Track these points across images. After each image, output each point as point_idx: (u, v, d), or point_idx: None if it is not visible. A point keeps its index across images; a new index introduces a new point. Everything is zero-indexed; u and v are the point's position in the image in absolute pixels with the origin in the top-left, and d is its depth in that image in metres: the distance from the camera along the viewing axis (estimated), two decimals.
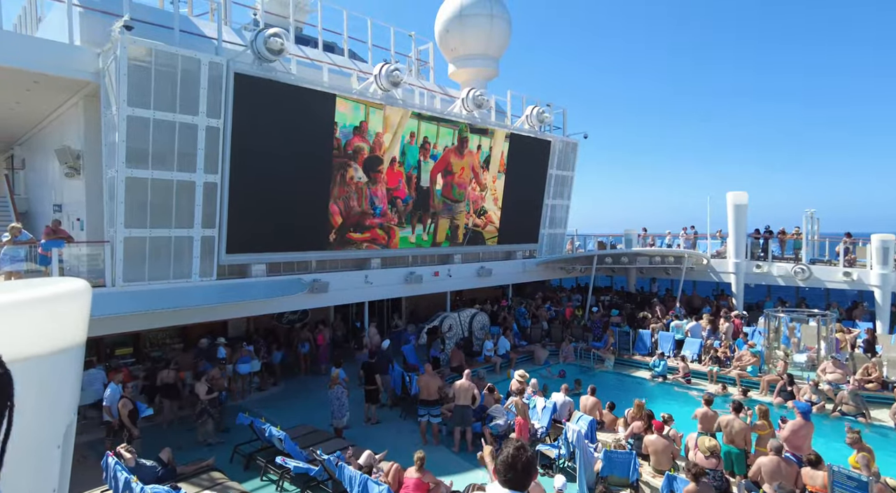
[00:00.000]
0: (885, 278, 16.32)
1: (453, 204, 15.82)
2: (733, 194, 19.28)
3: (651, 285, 23.40)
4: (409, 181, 14.50)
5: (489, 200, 16.54)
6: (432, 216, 15.22)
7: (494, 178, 16.61)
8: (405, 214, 14.48)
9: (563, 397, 10.61)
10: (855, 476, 6.73)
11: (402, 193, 14.54)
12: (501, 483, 2.53)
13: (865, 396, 11.76)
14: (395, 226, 14.30)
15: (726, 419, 8.55)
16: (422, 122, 14.21)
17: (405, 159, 14.22)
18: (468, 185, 16.14)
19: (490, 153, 16.35)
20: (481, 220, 16.60)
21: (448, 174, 15.53)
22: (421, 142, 14.45)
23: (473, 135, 15.82)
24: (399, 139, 14.04)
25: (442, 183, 15.40)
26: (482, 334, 16.03)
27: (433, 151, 14.68)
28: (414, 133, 14.11)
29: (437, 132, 14.63)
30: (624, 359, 16.07)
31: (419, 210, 14.71)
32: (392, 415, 11.96)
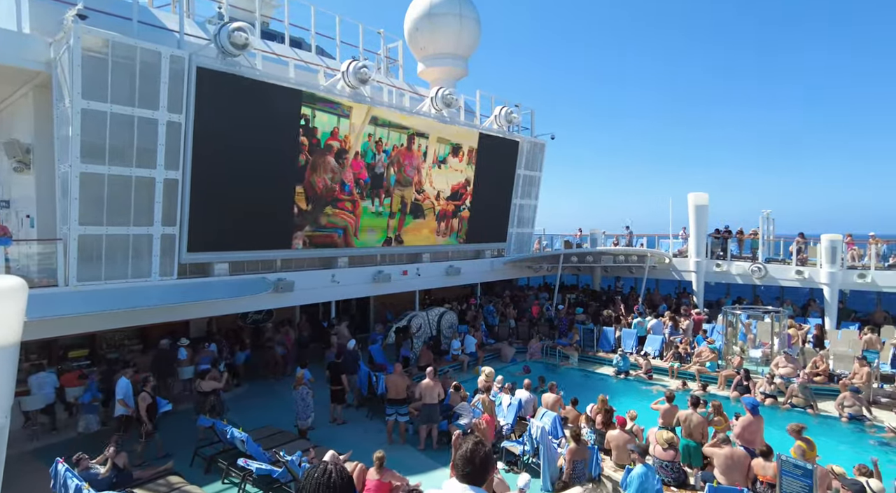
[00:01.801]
0: (833, 276, 17.11)
1: (402, 187, 16.97)
2: (694, 195, 19.89)
3: (615, 283, 23.92)
4: (368, 168, 15.64)
5: (426, 183, 17.67)
6: (386, 192, 16.44)
7: (430, 167, 17.69)
8: (366, 190, 15.65)
9: (527, 394, 10.75)
10: (800, 464, 7.04)
11: (364, 176, 15.62)
12: (459, 479, 2.53)
13: (814, 388, 12.33)
14: (359, 199, 15.45)
15: (685, 414, 8.85)
16: (378, 127, 15.62)
17: (365, 153, 15.36)
18: (413, 174, 17.30)
19: (427, 150, 17.36)
20: (421, 196, 17.65)
21: (396, 165, 16.68)
22: (377, 139, 15.71)
23: (417, 137, 17.01)
24: (361, 138, 15.03)
25: (394, 171, 16.54)
26: (450, 332, 16.09)
27: (385, 147, 16.10)
28: (371, 134, 15.37)
29: (388, 134, 16.01)
30: (588, 356, 16.39)
31: (376, 188, 16.06)
32: (359, 415, 11.89)
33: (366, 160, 15.62)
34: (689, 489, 7.92)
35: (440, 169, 18.29)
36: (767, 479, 7.42)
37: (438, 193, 18.70)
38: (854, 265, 17.57)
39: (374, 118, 15.37)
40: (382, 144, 16.08)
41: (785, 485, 7.15)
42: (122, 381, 9.86)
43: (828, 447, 9.39)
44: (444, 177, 18.55)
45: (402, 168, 16.92)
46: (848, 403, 11.42)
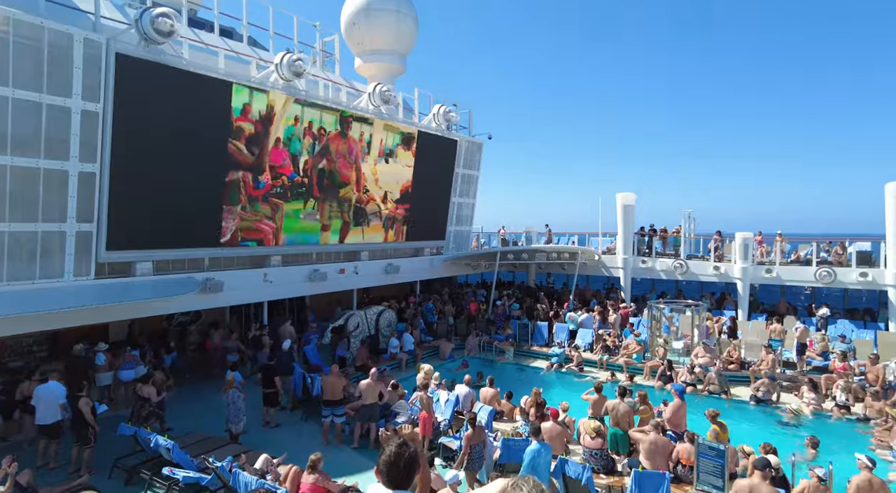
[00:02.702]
0: (745, 271, 18.51)
1: (337, 186, 16.08)
2: (622, 195, 20.88)
3: (547, 279, 24.69)
4: (294, 161, 14.46)
5: (371, 182, 16.88)
6: (319, 196, 15.37)
7: (375, 161, 16.94)
8: (291, 190, 14.49)
9: (465, 390, 10.89)
10: (714, 446, 7.60)
11: (287, 170, 14.49)
12: (384, 483, 2.51)
13: (728, 376, 13.28)
14: (281, 202, 14.24)
15: (612, 404, 9.28)
16: (307, 108, 14.21)
17: (290, 141, 14.24)
18: (351, 169, 16.38)
19: (371, 140, 16.61)
20: (364, 196, 16.89)
21: (330, 158, 15.75)
22: (306, 125, 14.54)
23: (356, 123, 15.98)
24: (283, 121, 13.95)
25: (325, 166, 15.55)
26: (389, 331, 16.01)
27: (315, 133, 14.83)
28: (298, 117, 14.16)
29: (321, 117, 14.76)
30: (523, 350, 16.83)
31: (304, 188, 14.86)
32: (293, 418, 11.60)
33: (290, 150, 14.01)
34: (616, 475, 8.32)
35: (387, 164, 17.54)
36: (690, 462, 7.93)
37: (386, 194, 17.86)
38: (762, 261, 19.07)
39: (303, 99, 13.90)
40: (314, 129, 14.53)
41: (701, 465, 7.69)
42: (53, 385, 8.96)
43: (740, 429, 10.18)
44: (393, 174, 17.71)
45: (335, 161, 15.56)
46: (761, 387, 12.40)
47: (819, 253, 18.39)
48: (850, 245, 18.10)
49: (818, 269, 17.61)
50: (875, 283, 17.04)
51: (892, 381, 12.20)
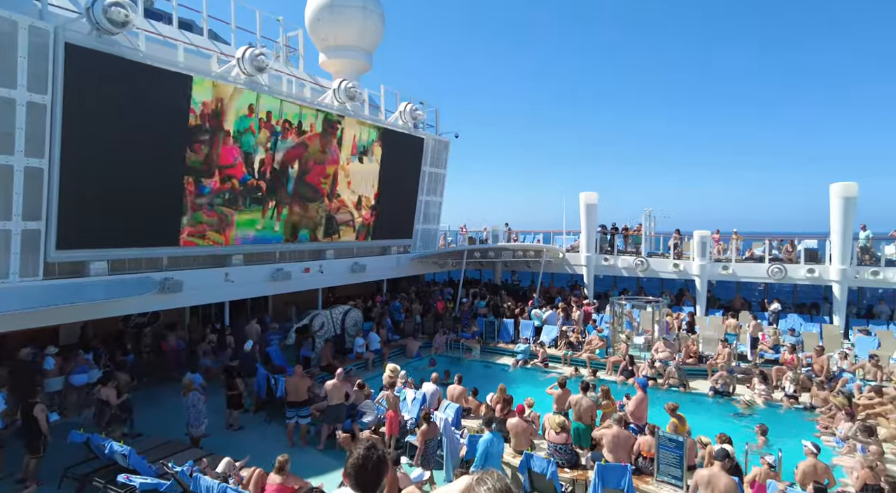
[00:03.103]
0: (703, 268, 19.16)
1: (313, 195, 15.00)
2: (585, 194, 21.28)
3: (511, 277, 24.97)
4: (247, 160, 13.12)
5: (342, 184, 16.01)
6: (286, 203, 14.21)
7: (348, 160, 16.05)
8: (244, 196, 13.21)
9: (432, 388, 10.92)
10: (673, 438, 7.85)
11: (239, 172, 13.13)
12: (352, 487, 2.47)
13: (686, 369, 13.73)
14: (230, 209, 12.99)
15: (575, 398, 9.47)
16: (262, 95, 12.80)
17: (242, 135, 12.86)
18: (321, 171, 15.35)
19: (342, 136, 15.73)
20: (335, 203, 16.03)
21: (306, 160, 14.59)
22: (263, 116, 13.25)
23: (331, 117, 15.16)
24: (235, 111, 12.60)
25: (298, 170, 14.41)
26: (355, 331, 15.87)
27: (277, 127, 13.37)
28: (253, 106, 12.81)
29: (282, 108, 13.36)
30: (490, 347, 16.97)
31: (263, 193, 13.36)
32: (257, 419, 11.37)
33: (243, 147, 12.70)
34: (580, 469, 8.48)
35: (361, 163, 16.67)
36: (651, 455, 8.15)
37: (360, 199, 16.79)
38: (719, 259, 19.77)
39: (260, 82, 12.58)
40: (273, 122, 13.07)
41: (661, 457, 7.94)
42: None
43: (698, 421, 10.53)
44: (368, 176, 16.75)
45: (303, 160, 14.30)
46: (716, 379, 12.86)
47: (771, 251, 19.19)
48: (800, 243, 18.96)
49: (770, 266, 18.38)
50: (821, 278, 17.90)
51: (835, 371, 12.86)
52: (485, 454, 7.71)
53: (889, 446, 9.37)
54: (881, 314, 18.13)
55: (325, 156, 15.72)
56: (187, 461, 7.60)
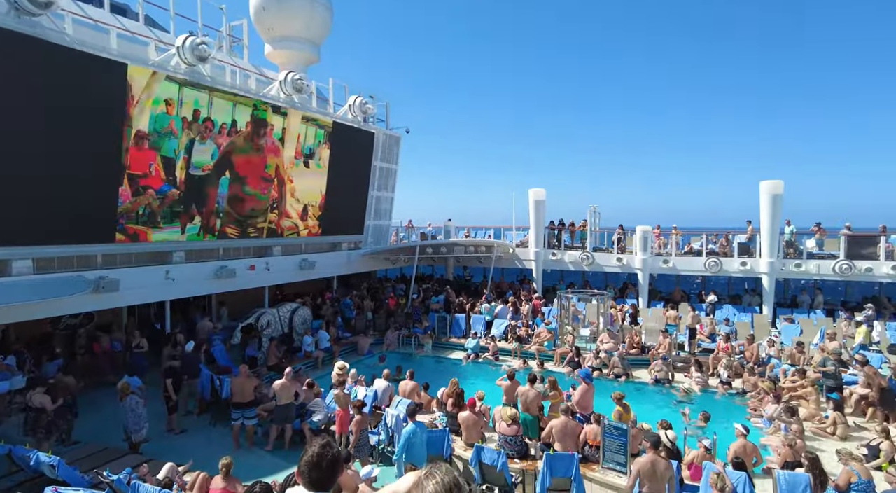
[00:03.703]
0: (645, 262, 19.96)
1: (250, 209, 13.77)
2: (534, 191, 21.69)
3: (463, 272, 25.18)
4: (168, 166, 11.71)
5: (286, 192, 14.77)
6: (219, 219, 12.97)
7: (292, 163, 15.02)
8: (162, 210, 11.82)
9: (384, 384, 10.87)
10: (618, 426, 8.16)
11: (157, 181, 11.64)
12: (305, 485, 2.45)
13: (630, 359, 14.28)
14: (145, 228, 11.59)
15: (523, 390, 9.68)
16: (185, 88, 11.31)
17: (159, 137, 11.30)
18: (257, 178, 13.93)
19: (283, 135, 14.60)
20: (276, 214, 15.12)
21: (237, 165, 13.31)
22: (188, 115, 11.97)
23: (272, 115, 14.01)
24: (147, 105, 11.02)
25: (230, 177, 13.11)
26: (304, 329, 15.56)
27: (201, 125, 11.99)
28: (172, 101, 11.27)
29: (210, 102, 11.92)
30: (442, 342, 17.05)
31: (187, 204, 11.94)
32: (201, 422, 10.97)
33: (160, 149, 11.10)
34: (530, 459, 8.67)
35: (307, 168, 15.73)
36: (597, 443, 8.43)
37: (306, 208, 15.78)
38: (660, 253, 20.65)
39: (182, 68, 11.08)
40: (201, 119, 11.66)
41: (607, 445, 8.23)
42: None
43: (640, 409, 10.97)
44: (315, 180, 15.85)
45: (240, 173, 12.83)
46: (657, 369, 13.44)
47: (708, 245, 20.22)
48: (734, 237, 20.07)
49: (707, 259, 19.38)
50: (752, 271, 19.04)
51: (764, 358, 13.72)
52: (407, 444, 7.97)
53: (808, 424, 10.11)
54: (803, 303, 19.49)
55: (263, 159, 14.75)
56: (125, 469, 7.24)
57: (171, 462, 7.41)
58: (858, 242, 18.16)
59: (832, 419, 10.03)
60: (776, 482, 7.07)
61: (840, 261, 17.71)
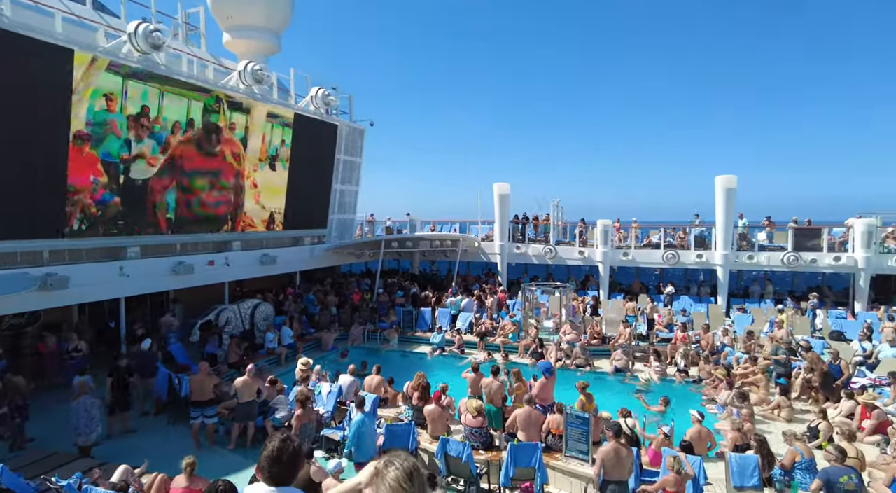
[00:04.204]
0: (606, 255, 20.44)
1: (210, 219, 12.92)
2: (498, 185, 21.86)
3: (430, 266, 25.19)
4: (111, 171, 10.38)
5: (249, 197, 13.94)
6: (170, 231, 11.98)
7: (255, 166, 14.25)
8: (107, 223, 10.76)
9: (349, 379, 10.79)
10: (580, 415, 8.35)
11: (95, 195, 10.47)
12: (265, 480, 2.41)
13: (592, 350, 14.62)
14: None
15: (487, 382, 9.79)
16: (131, 80, 9.88)
17: (98, 138, 10.05)
18: (228, 191, 13.04)
19: (247, 135, 13.89)
20: (238, 220, 14.63)
21: (190, 175, 12.23)
22: (134, 112, 10.78)
23: (232, 112, 13.25)
24: (85, 102, 9.93)
25: (177, 190, 11.93)
26: (265, 325, 15.27)
27: (157, 128, 10.61)
28: (114, 95, 10.14)
29: (161, 96, 10.62)
30: (407, 336, 17.04)
31: (124, 220, 10.73)
32: (158, 422, 10.64)
33: (97, 151, 10.03)
34: (495, 450, 8.78)
35: (273, 171, 15.32)
36: (560, 432, 8.60)
37: (272, 216, 15.32)
38: (620, 246, 21.18)
39: (123, 66, 9.66)
40: (151, 118, 10.61)
41: (570, 434, 8.41)
42: None
43: (601, 398, 11.25)
44: (281, 185, 15.38)
45: (195, 179, 11.91)
46: (618, 358, 13.81)
47: (666, 238, 20.85)
48: (691, 231, 20.76)
49: (665, 252, 19.98)
50: (708, 263, 19.75)
51: (718, 346, 14.28)
52: (357, 433, 8.05)
53: (758, 408, 10.59)
54: (754, 294, 20.37)
55: (222, 163, 13.80)
56: (75, 474, 6.95)
57: (126, 465, 7.17)
58: (804, 234, 19.08)
59: (776, 402, 10.55)
60: (728, 465, 7.39)
61: (788, 253, 18.56)
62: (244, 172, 15.02)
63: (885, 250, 17.97)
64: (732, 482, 7.24)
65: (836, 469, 6.29)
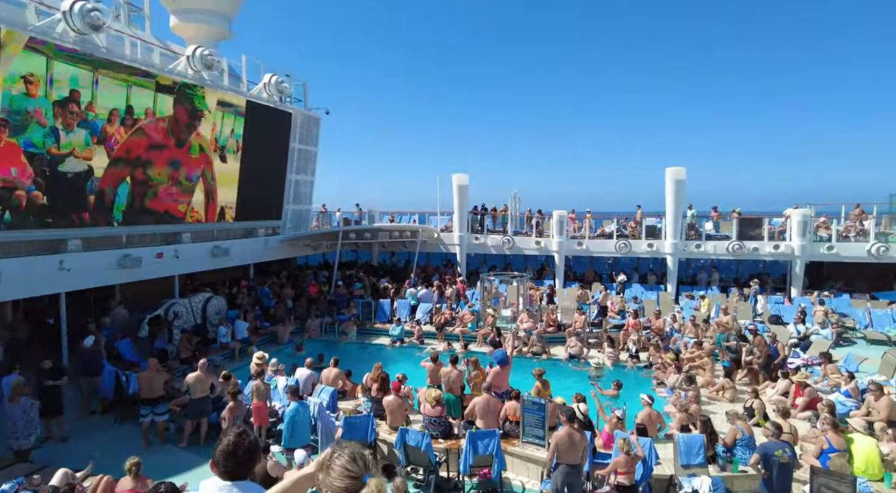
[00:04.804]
0: (561, 245, 20.88)
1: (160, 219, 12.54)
2: (457, 176, 21.93)
3: (391, 258, 25.06)
4: (35, 162, 9.65)
5: (200, 190, 13.87)
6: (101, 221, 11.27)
7: (211, 157, 14.14)
8: (38, 216, 10.18)
9: (306, 372, 10.65)
10: (536, 401, 8.54)
11: (24, 175, 9.66)
12: (220, 475, 2.37)
13: (548, 337, 14.95)
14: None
15: (445, 371, 9.88)
16: (57, 61, 9.21)
17: (23, 126, 9.26)
18: (184, 186, 12.78)
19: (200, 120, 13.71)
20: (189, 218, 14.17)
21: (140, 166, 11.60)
22: (61, 96, 9.90)
23: (185, 97, 13.01)
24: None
25: (129, 184, 11.29)
26: (218, 319, 14.85)
27: (95, 116, 9.82)
28: (36, 78, 9.31)
29: (95, 79, 9.92)
30: (366, 328, 16.93)
31: (52, 212, 10.01)
32: (105, 422, 10.22)
33: (18, 140, 9.20)
34: (454, 438, 8.87)
35: (225, 163, 14.85)
36: (517, 418, 8.77)
37: (223, 210, 14.85)
38: (575, 236, 21.66)
39: (43, 44, 8.92)
40: (83, 103, 9.78)
41: (526, 420, 8.58)
42: None
43: (556, 384, 11.54)
44: (232, 179, 15.01)
45: (142, 160, 11.30)
46: (572, 345, 14.17)
47: (619, 228, 21.46)
48: (642, 221, 21.42)
49: (618, 241, 20.58)
50: (658, 252, 20.47)
51: (668, 332, 14.87)
52: (291, 422, 8.10)
53: (705, 390, 11.12)
54: (701, 281, 21.29)
55: (180, 155, 13.09)
56: (11, 480, 6.60)
57: (66, 468, 6.84)
58: (748, 224, 20.05)
59: (721, 384, 11.11)
60: (676, 444, 7.74)
61: (733, 242, 19.46)
62: (199, 164, 14.55)
63: (818, 239, 19.11)
64: (680, 460, 7.59)
65: (772, 444, 6.69)
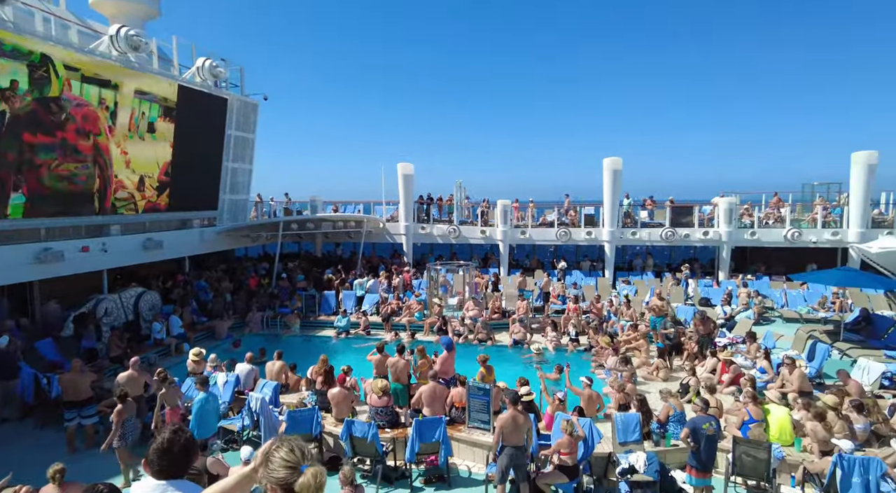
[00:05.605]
0: (505, 234, 21.25)
1: (60, 199, 12.09)
2: (402, 165, 21.79)
3: (335, 248, 24.67)
4: None
5: (122, 171, 13.55)
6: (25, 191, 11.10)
7: (125, 138, 13.61)
8: None
9: (247, 367, 10.35)
10: (481, 386, 8.69)
11: None
12: (153, 474, 2.28)
13: (493, 324, 15.21)
14: None
15: (392, 361, 9.86)
16: None
17: None
18: (86, 163, 12.42)
19: (115, 108, 13.22)
20: (107, 183, 13.64)
21: (32, 148, 11.24)
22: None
23: (89, 86, 12.33)
24: None
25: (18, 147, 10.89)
26: (151, 315, 14.12)
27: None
28: None
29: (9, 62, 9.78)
30: (310, 321, 16.61)
31: None
32: (24, 428, 9.52)
33: None
34: (400, 427, 8.89)
35: (143, 141, 14.78)
36: (462, 404, 8.88)
37: (142, 179, 14.89)
38: (518, 225, 22.09)
39: None
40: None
41: (472, 405, 8.72)
42: None
43: (501, 369, 11.78)
44: (152, 150, 14.93)
45: (38, 152, 11.04)
46: (516, 331, 14.49)
47: (560, 217, 22.06)
48: (581, 210, 22.12)
49: (558, 230, 21.16)
50: (596, 239, 21.22)
51: (606, 315, 15.48)
52: (199, 413, 7.93)
53: (641, 371, 11.69)
54: (637, 267, 22.29)
55: (70, 130, 12.68)
56: None
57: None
58: (680, 212, 21.12)
59: (656, 364, 11.71)
60: (614, 423, 8.10)
61: (666, 229, 20.45)
62: (113, 135, 13.75)
63: (742, 226, 20.42)
64: (618, 438, 7.95)
65: (700, 418, 7.13)
